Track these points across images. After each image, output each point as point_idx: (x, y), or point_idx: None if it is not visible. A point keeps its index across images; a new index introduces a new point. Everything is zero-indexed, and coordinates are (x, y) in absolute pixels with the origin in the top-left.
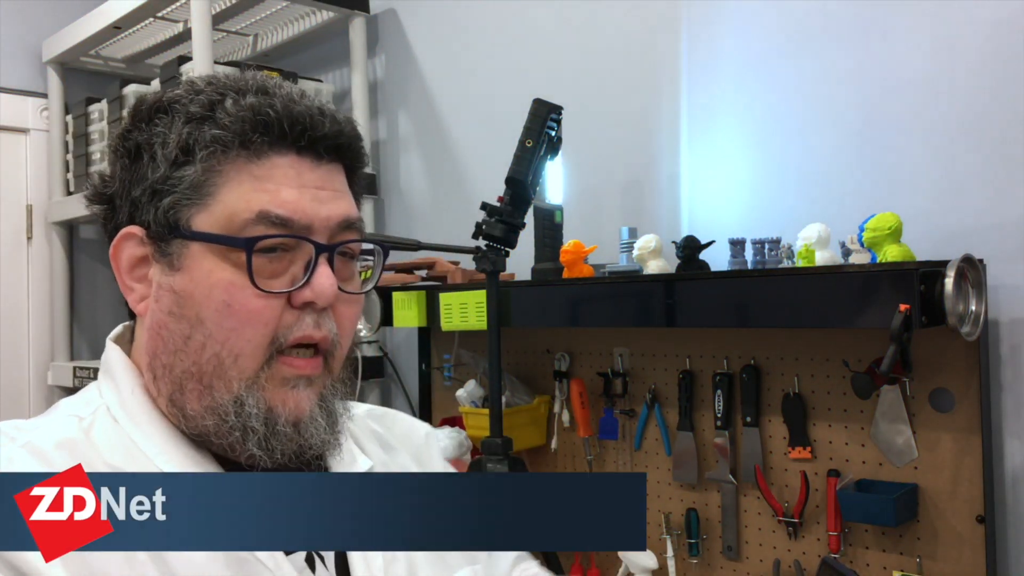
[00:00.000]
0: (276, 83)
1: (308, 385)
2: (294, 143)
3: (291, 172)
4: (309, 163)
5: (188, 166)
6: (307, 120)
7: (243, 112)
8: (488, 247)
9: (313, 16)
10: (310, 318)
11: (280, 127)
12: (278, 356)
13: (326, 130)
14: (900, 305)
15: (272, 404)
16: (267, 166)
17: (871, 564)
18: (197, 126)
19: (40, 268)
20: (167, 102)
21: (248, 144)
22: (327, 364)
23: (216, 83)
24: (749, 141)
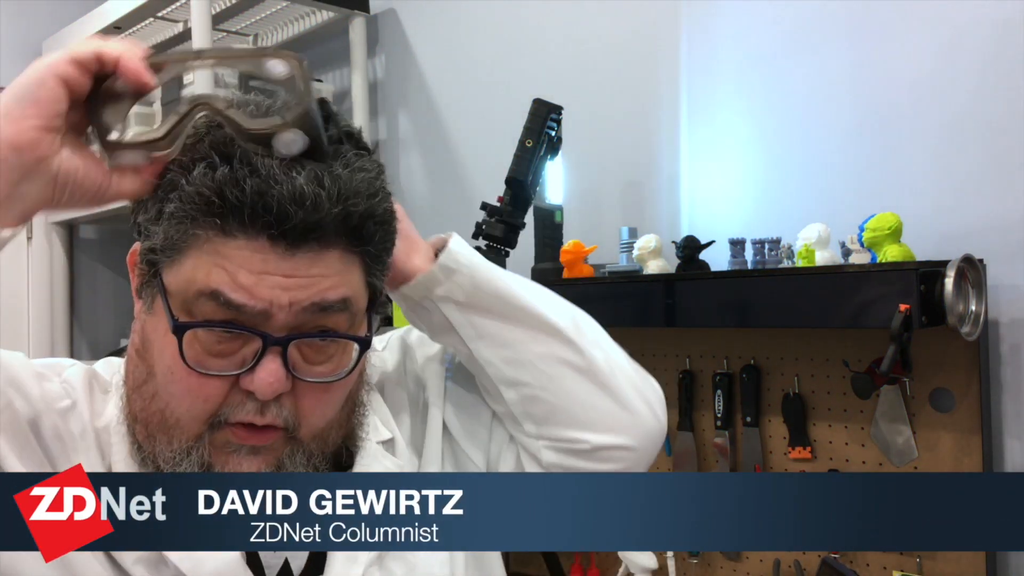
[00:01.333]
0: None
1: (254, 453)
2: (264, 231)
3: (256, 258)
4: (281, 250)
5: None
6: (274, 209)
7: (207, 188)
8: (488, 247)
9: (313, 16)
10: (252, 404)
11: (243, 213)
12: (222, 426)
13: (296, 221)
14: (900, 305)
15: (213, 463)
16: (233, 246)
17: (871, 564)
18: (169, 187)
19: (40, 268)
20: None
21: (214, 218)
22: (288, 438)
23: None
24: (749, 141)
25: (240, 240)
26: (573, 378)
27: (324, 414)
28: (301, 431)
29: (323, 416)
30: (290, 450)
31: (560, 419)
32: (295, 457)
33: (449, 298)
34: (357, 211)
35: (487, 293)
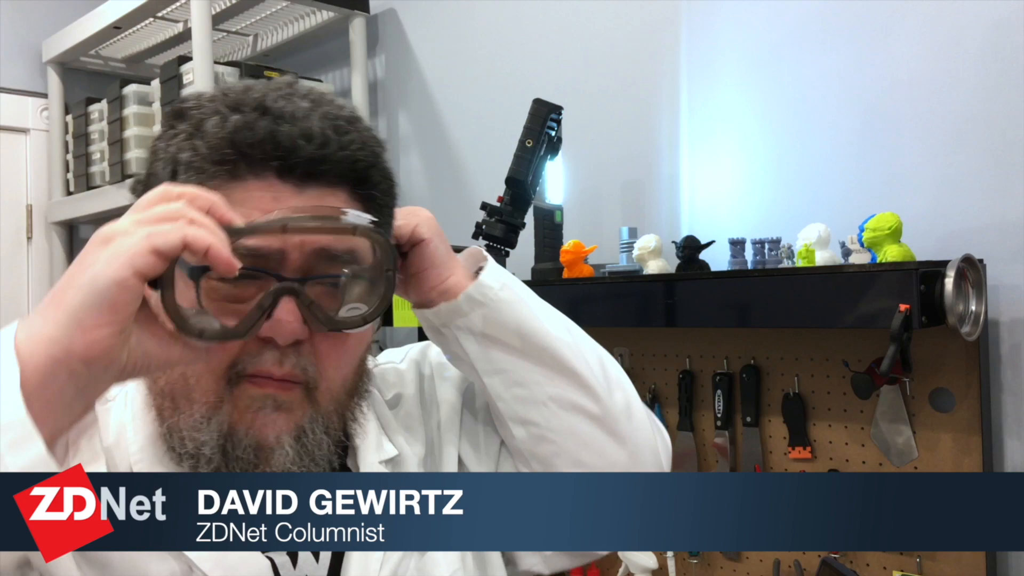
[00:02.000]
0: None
1: (278, 409)
2: (271, 165)
3: (266, 196)
4: (291, 187)
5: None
6: (286, 143)
7: (221, 134)
8: (488, 247)
9: (313, 16)
10: (270, 354)
11: (254, 150)
12: (241, 379)
13: (304, 154)
14: (900, 305)
15: (235, 426)
16: (242, 189)
17: (871, 564)
18: (181, 145)
19: (40, 268)
20: (185, 109)
21: (223, 165)
22: (309, 395)
23: (222, 96)
24: (749, 141)
25: (249, 181)
26: (585, 423)
27: (341, 367)
28: (320, 387)
29: (340, 369)
30: (311, 414)
31: (566, 462)
32: (315, 424)
33: (469, 329)
34: (364, 156)
35: (509, 330)
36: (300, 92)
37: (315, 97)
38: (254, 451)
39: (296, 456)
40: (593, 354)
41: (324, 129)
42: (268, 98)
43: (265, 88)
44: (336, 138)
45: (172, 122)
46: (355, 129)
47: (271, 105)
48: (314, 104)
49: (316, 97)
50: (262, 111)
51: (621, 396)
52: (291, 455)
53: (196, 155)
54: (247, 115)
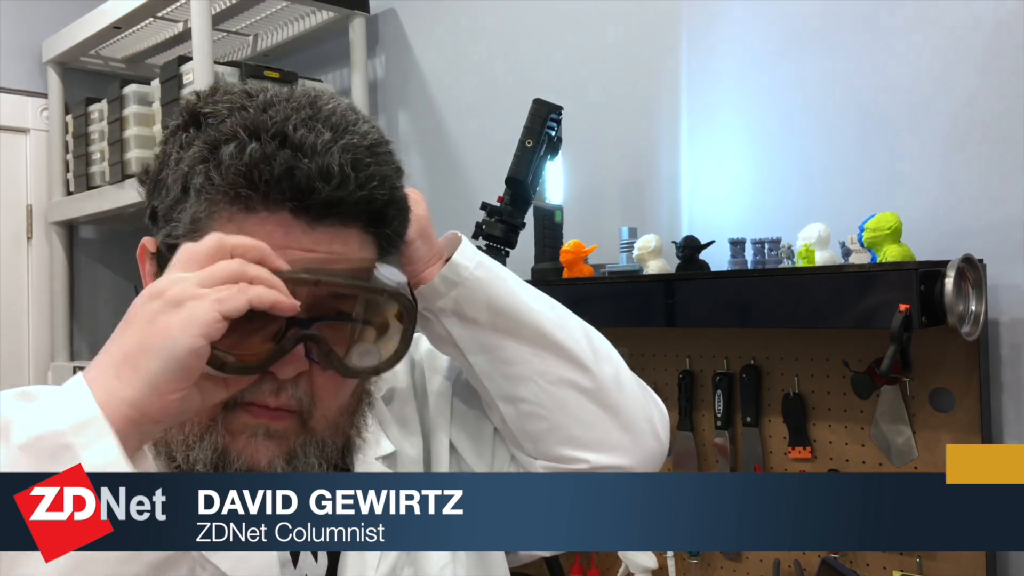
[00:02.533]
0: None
1: (269, 437)
2: (287, 202)
3: (278, 232)
4: (304, 224)
5: (185, 203)
6: (303, 182)
7: (239, 164)
8: (488, 247)
9: (313, 16)
10: (268, 385)
11: (270, 188)
12: (236, 406)
13: (321, 196)
14: (900, 305)
15: (228, 448)
16: (255, 221)
17: (871, 564)
18: (196, 165)
19: (40, 268)
20: (203, 115)
21: (237, 197)
22: (303, 423)
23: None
24: (749, 141)
25: (262, 214)
26: (574, 397)
27: (338, 398)
28: (315, 416)
29: (336, 400)
30: (303, 440)
31: (558, 438)
32: (308, 448)
33: (450, 310)
34: (380, 195)
35: (490, 308)
36: (323, 115)
37: (337, 122)
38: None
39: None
40: (579, 328)
41: (343, 166)
42: (289, 124)
43: (287, 110)
44: (354, 175)
45: (187, 126)
46: (375, 161)
47: (291, 135)
48: (336, 133)
49: (339, 122)
50: (281, 140)
51: (610, 368)
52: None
53: (210, 183)
54: (266, 145)
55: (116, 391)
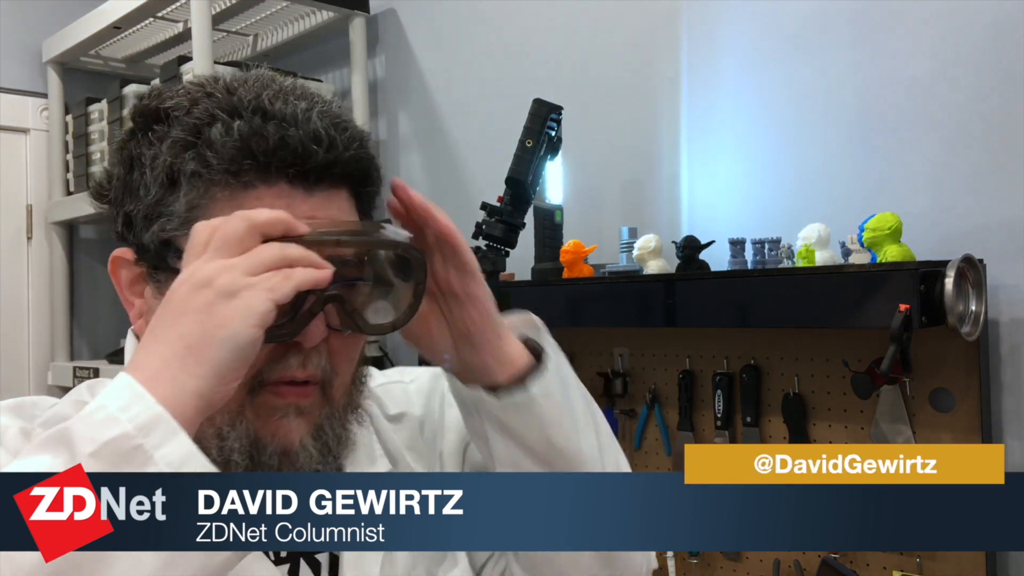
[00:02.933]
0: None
1: (299, 414)
2: (283, 172)
3: (279, 203)
4: (301, 192)
5: (174, 195)
6: (299, 148)
7: (230, 143)
8: (488, 247)
9: (313, 16)
10: (295, 358)
11: (267, 158)
12: (262, 387)
13: (318, 159)
14: (900, 305)
15: (260, 434)
16: (254, 197)
17: (871, 564)
18: (181, 152)
19: (40, 268)
20: (164, 111)
21: (234, 175)
22: (324, 394)
23: (211, 97)
24: (749, 141)
25: (260, 188)
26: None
27: (351, 361)
28: (335, 384)
29: (350, 364)
30: (328, 411)
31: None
32: (333, 420)
33: (499, 424)
34: (364, 155)
35: (545, 440)
36: (287, 90)
37: (302, 93)
38: (279, 456)
39: (319, 455)
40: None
41: (327, 129)
42: (264, 99)
43: (253, 88)
44: (340, 137)
45: (147, 126)
46: (348, 124)
47: (269, 108)
48: (308, 102)
49: (303, 93)
50: (263, 115)
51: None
52: (315, 455)
53: (205, 166)
54: (251, 121)
55: (184, 383)
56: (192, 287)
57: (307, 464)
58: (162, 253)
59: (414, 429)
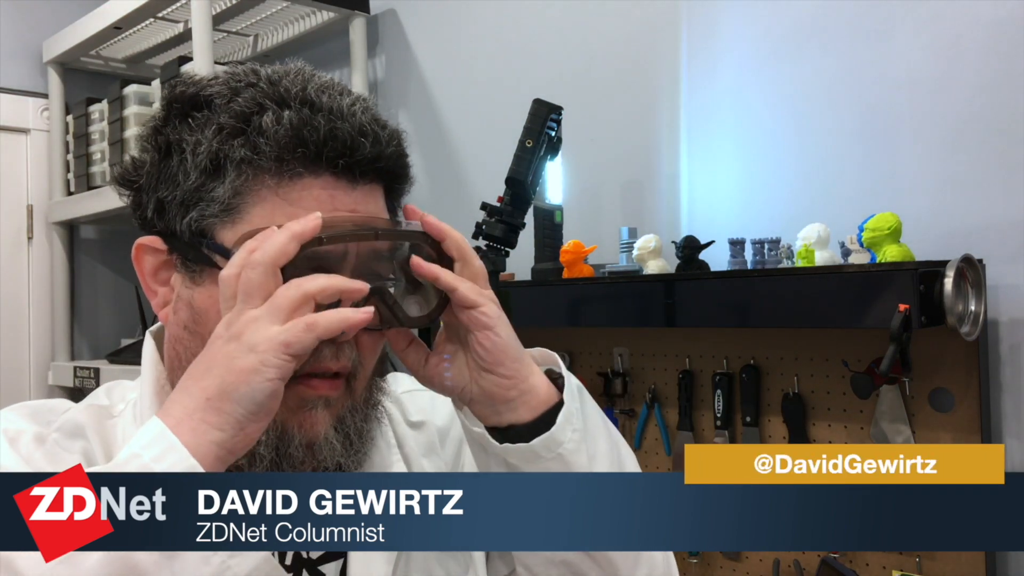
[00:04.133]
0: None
1: (326, 406)
2: (330, 165)
3: (324, 195)
4: (345, 185)
5: (217, 181)
6: (348, 141)
7: (281, 131)
8: (488, 247)
9: (313, 16)
10: (329, 349)
11: (318, 149)
12: (296, 380)
13: (366, 152)
14: (900, 305)
15: (286, 425)
16: (300, 187)
17: (871, 564)
18: (228, 139)
19: (40, 268)
20: (205, 98)
21: (283, 163)
22: (348, 386)
23: (258, 84)
24: (749, 141)
25: (307, 179)
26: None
27: (376, 354)
28: (359, 375)
29: (375, 356)
30: (350, 404)
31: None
32: (354, 412)
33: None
34: (403, 152)
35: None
36: (329, 84)
37: (342, 89)
38: (306, 448)
39: (343, 448)
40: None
41: (371, 124)
42: (310, 91)
43: (298, 81)
44: (383, 133)
45: (185, 113)
46: (387, 122)
47: (317, 101)
48: (350, 96)
49: (343, 89)
50: (311, 106)
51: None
52: (338, 448)
53: (255, 153)
54: (300, 111)
55: (204, 434)
56: (222, 342)
57: (330, 457)
58: (196, 242)
59: (433, 438)
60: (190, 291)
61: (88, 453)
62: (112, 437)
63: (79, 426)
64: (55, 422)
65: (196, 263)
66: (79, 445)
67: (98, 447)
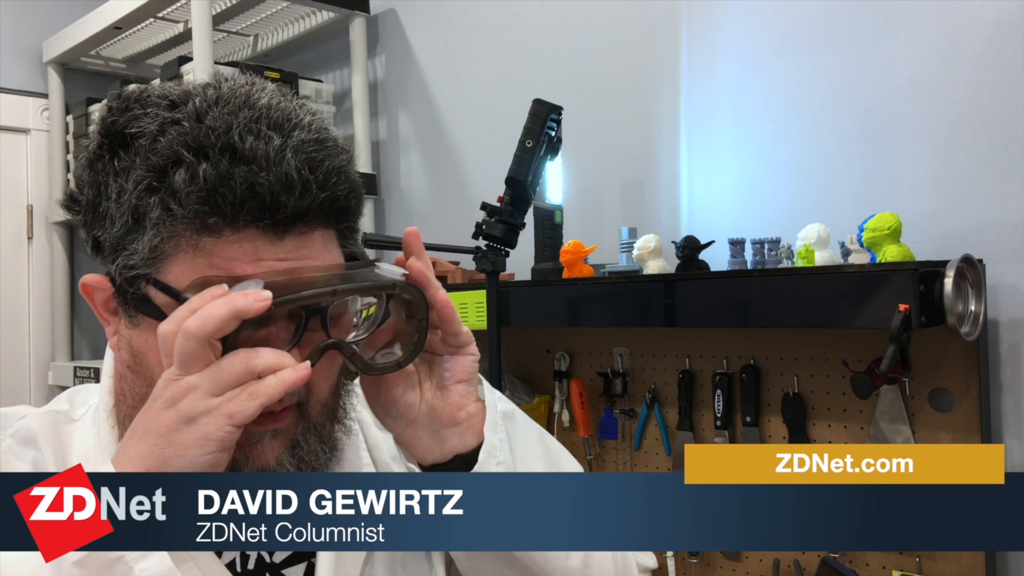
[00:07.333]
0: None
1: (274, 436)
2: (253, 222)
3: (247, 247)
4: (271, 236)
5: (138, 234)
6: (268, 199)
7: (194, 192)
8: (488, 247)
9: (313, 16)
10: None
11: (234, 210)
12: None
13: (290, 208)
14: (899, 305)
15: (236, 457)
16: (222, 242)
17: (871, 564)
18: (145, 195)
19: (40, 268)
20: (131, 135)
21: (202, 221)
22: (300, 411)
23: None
24: (749, 141)
25: (227, 235)
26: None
27: (330, 378)
28: (311, 403)
29: (329, 381)
30: (303, 428)
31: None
32: (308, 435)
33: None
34: (342, 190)
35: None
36: (263, 114)
37: (279, 119)
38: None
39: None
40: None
41: (300, 170)
42: (234, 134)
43: (224, 115)
44: (314, 177)
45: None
46: (327, 154)
47: (240, 147)
48: (282, 133)
49: (280, 118)
50: (232, 155)
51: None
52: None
53: (168, 215)
54: (218, 164)
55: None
56: (160, 407)
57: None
58: (126, 287)
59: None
60: (129, 332)
61: (38, 463)
62: (69, 443)
63: (32, 434)
64: (9, 427)
65: (132, 307)
66: (30, 455)
67: (50, 456)
